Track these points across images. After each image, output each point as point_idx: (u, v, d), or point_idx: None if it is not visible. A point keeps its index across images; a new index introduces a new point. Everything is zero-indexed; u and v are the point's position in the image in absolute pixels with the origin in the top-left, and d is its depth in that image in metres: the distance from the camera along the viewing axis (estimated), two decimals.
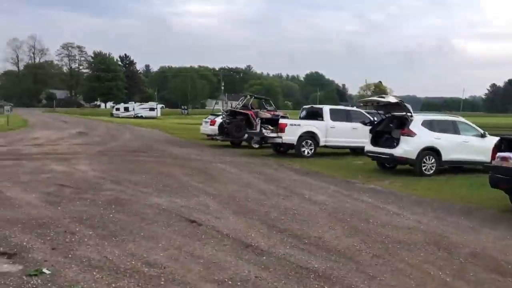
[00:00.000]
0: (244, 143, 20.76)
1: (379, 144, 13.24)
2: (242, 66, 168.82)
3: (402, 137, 12.38)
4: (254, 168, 13.32)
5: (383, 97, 13.27)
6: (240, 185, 10.22)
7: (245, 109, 20.22)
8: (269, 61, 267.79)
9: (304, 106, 19.19)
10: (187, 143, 22.07)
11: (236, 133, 19.66)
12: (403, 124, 12.77)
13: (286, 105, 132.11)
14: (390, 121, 13.66)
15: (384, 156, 12.78)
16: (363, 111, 18.67)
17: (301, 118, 17.99)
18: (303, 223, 6.82)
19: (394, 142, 12.76)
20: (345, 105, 25.04)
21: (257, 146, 19.63)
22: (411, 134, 12.26)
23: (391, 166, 13.64)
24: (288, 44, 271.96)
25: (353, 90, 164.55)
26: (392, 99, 12.86)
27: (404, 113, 12.88)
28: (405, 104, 12.83)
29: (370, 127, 14.16)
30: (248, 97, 21.68)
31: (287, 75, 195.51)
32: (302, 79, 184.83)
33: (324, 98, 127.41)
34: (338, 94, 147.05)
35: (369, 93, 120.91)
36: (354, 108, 19.61)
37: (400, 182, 11.22)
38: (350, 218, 7.20)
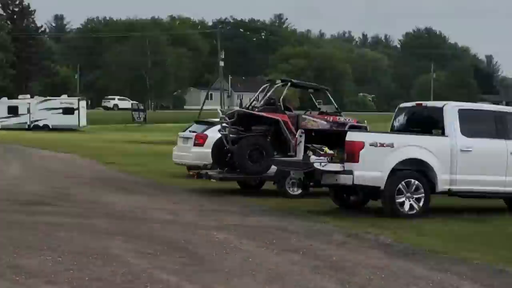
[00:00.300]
0: (269, 184, 21.03)
1: None
2: (265, 18, 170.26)
3: None
4: (292, 241, 13.51)
5: None
6: (263, 280, 10.23)
7: (270, 111, 20.47)
8: (323, 10, 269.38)
9: (403, 105, 19.47)
10: (145, 185, 22.53)
11: (251, 163, 19.84)
12: None
13: (362, 100, 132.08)
14: None
15: None
16: None
17: (395, 130, 18.38)
18: None
19: None
20: (495, 103, 24.88)
21: (297, 192, 19.87)
22: None
23: None
24: None
25: (508, 69, 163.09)
26: None
27: None
28: None
29: None
30: (279, 83, 21.93)
31: (365, 37, 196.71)
32: (397, 45, 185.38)
33: (447, 85, 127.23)
34: (477, 77, 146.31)
35: None
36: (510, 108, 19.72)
37: None
38: None
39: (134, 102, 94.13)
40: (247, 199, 19.88)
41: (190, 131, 24.69)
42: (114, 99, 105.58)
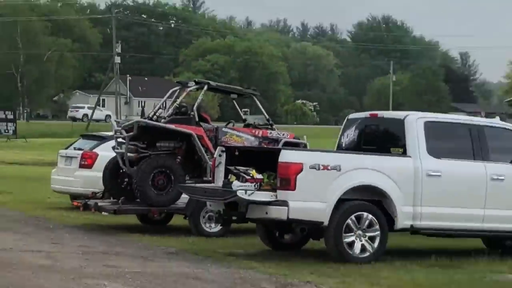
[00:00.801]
0: (178, 218, 21.16)
1: None
2: (175, 0, 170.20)
3: None
4: None
5: None
6: None
7: (181, 123, 20.54)
8: None
9: (353, 116, 19.84)
10: (12, 220, 22.59)
11: (154, 189, 19.92)
12: None
13: (301, 109, 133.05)
14: None
15: None
16: None
17: (343, 148, 18.68)
18: None
19: None
20: (471, 114, 25.43)
21: (215, 229, 20.11)
22: None
23: None
24: None
25: (489, 71, 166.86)
26: None
27: None
28: None
29: None
30: (193, 87, 22.08)
31: (305, 27, 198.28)
32: (346, 38, 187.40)
33: (411, 91, 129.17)
34: (449, 81, 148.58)
35: None
36: (496, 121, 19.79)
37: None
38: None
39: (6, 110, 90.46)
40: (150, 238, 19.75)
41: (75, 148, 24.69)
42: (83, 107, 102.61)
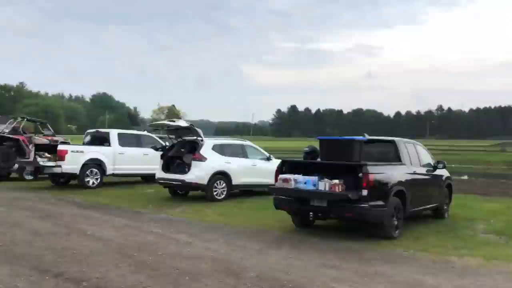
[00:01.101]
0: (14, 175, 19.08)
1: (170, 170, 13.49)
2: (13, 83, 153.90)
3: (193, 162, 12.85)
4: (26, 204, 12.37)
5: (174, 121, 13.69)
6: (5, 226, 9.19)
7: (15, 134, 18.60)
8: (48, 79, 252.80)
9: (89, 131, 18.57)
10: None
11: (3, 162, 17.99)
12: (194, 148, 13.26)
13: (69, 129, 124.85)
14: (181, 146, 14.08)
15: (175, 182, 13.09)
16: (154, 135, 18.97)
17: (85, 144, 17.45)
18: (83, 264, 6.48)
19: (185, 168, 13.21)
20: (137, 130, 24.85)
21: (31, 177, 18.47)
22: (201, 158, 12.87)
23: (184, 193, 14.12)
24: (71, 61, 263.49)
25: (146, 113, 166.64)
26: (182, 123, 13.38)
27: (195, 138, 13.46)
28: (196, 128, 13.24)
29: (161, 153, 14.43)
30: (19, 119, 20.04)
31: (70, 95, 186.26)
32: (88, 100, 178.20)
33: (114, 122, 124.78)
34: (129, 118, 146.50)
35: (162, 117, 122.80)
36: (145, 133, 19.59)
37: (192, 209, 11.62)
38: (138, 253, 7.09)
39: None
40: (1, 183, 17.69)
41: None
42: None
